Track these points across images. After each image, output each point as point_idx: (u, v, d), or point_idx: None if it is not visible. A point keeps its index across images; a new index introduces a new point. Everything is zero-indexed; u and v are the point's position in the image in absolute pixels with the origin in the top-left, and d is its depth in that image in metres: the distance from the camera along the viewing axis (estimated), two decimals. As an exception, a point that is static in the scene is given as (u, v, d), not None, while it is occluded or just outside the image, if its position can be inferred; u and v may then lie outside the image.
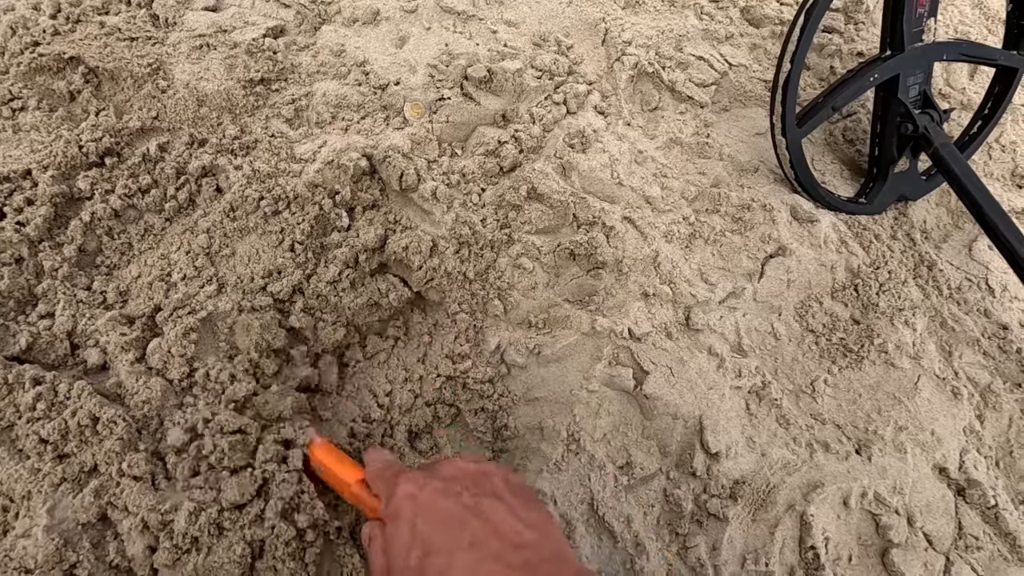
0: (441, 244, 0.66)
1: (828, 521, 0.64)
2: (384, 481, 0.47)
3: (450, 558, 0.39)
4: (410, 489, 0.44)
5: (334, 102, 0.71)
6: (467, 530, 0.40)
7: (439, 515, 0.42)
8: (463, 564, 0.39)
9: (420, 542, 0.41)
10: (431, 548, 0.40)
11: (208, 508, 0.50)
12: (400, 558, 0.41)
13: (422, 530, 0.41)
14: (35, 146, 0.61)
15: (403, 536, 0.41)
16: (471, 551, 0.39)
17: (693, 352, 0.68)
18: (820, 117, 0.75)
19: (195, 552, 0.49)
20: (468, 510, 0.42)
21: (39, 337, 0.55)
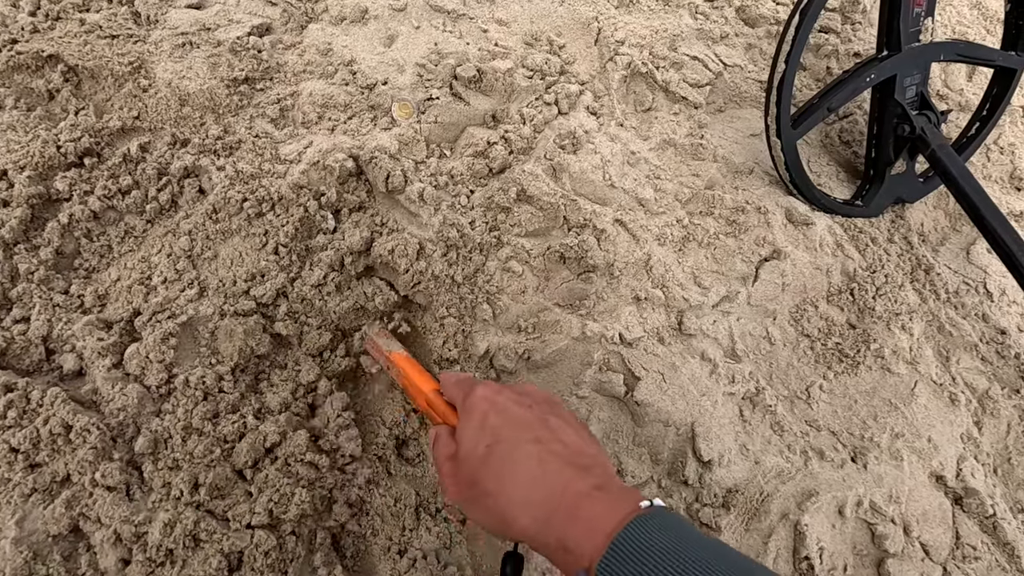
0: (428, 247, 0.64)
1: (823, 531, 0.62)
2: (461, 386, 0.50)
3: (515, 448, 0.43)
4: (487, 392, 0.48)
5: (320, 102, 0.70)
6: (534, 430, 0.44)
7: (510, 415, 0.45)
8: (527, 453, 0.43)
9: (490, 433, 0.44)
10: (499, 438, 0.44)
11: (183, 520, 0.49)
12: (469, 444, 0.45)
13: (493, 423, 0.45)
14: (11, 146, 0.59)
15: (474, 427, 0.45)
16: (536, 444, 0.43)
17: (686, 357, 0.67)
18: (816, 118, 0.74)
19: (169, 565, 0.47)
20: (538, 418, 0.45)
21: (12, 342, 0.54)
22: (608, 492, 0.40)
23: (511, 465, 0.43)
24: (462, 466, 0.45)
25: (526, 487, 0.41)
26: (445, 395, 0.53)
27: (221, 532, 0.48)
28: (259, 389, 0.59)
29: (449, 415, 0.52)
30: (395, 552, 0.57)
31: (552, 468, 0.42)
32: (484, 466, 0.43)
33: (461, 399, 0.49)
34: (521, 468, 0.42)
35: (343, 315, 0.65)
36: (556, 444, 0.43)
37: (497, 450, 0.44)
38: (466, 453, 0.45)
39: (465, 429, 0.46)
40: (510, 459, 0.43)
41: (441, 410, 0.53)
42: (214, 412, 0.55)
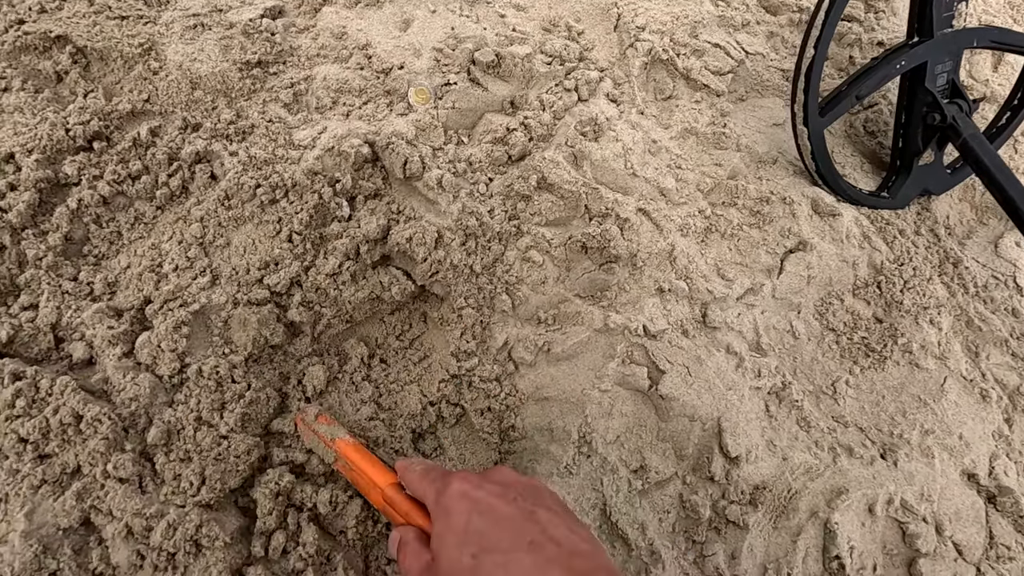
0: (447, 235, 0.62)
1: (853, 529, 0.61)
2: (430, 480, 0.44)
3: (509, 557, 0.38)
4: (464, 487, 0.42)
5: (335, 87, 0.68)
6: (526, 533, 0.39)
7: (496, 515, 0.40)
8: (525, 565, 0.37)
9: (475, 539, 0.39)
10: (487, 546, 0.39)
11: (186, 522, 0.47)
12: (451, 554, 0.39)
13: (478, 527, 0.39)
14: (19, 128, 0.57)
15: (455, 533, 0.40)
16: (532, 552, 0.38)
17: (711, 351, 0.65)
18: (843, 106, 0.72)
19: (171, 571, 0.45)
20: (525, 515, 0.40)
21: (21, 330, 0.52)
22: None
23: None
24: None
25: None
26: (409, 489, 0.46)
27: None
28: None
29: (413, 514, 0.45)
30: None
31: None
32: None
33: (433, 496, 0.43)
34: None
35: (358, 305, 0.63)
36: (551, 547, 0.39)
37: (485, 562, 0.38)
38: (449, 567, 0.39)
39: (444, 534, 0.40)
40: (502, 572, 0.37)
41: (403, 509, 0.46)
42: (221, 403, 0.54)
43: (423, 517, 0.44)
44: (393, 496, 0.46)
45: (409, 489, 0.46)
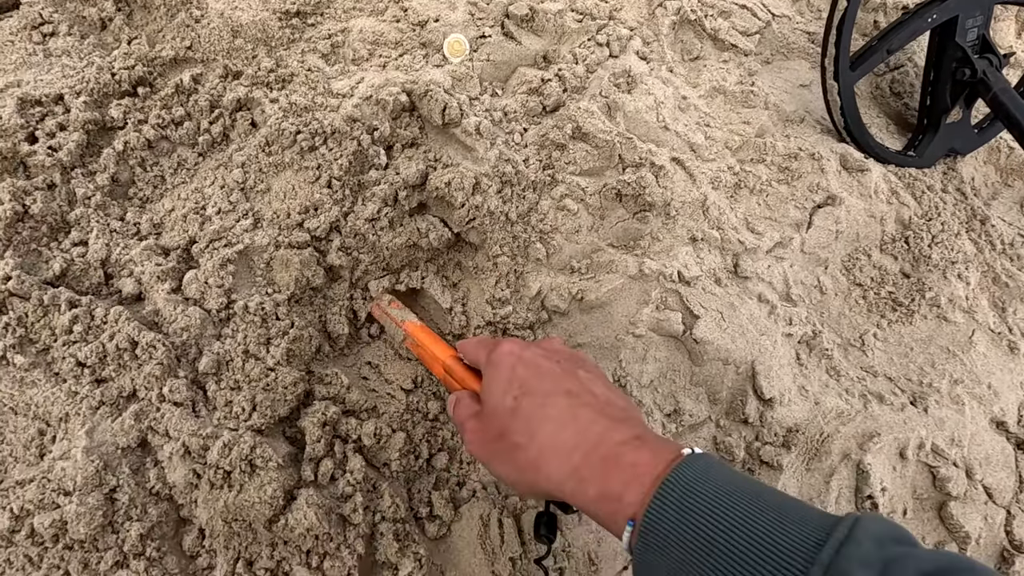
0: (484, 182, 0.63)
1: (884, 472, 0.61)
2: (483, 345, 0.48)
3: (546, 399, 0.41)
4: (513, 347, 0.46)
5: (371, 39, 0.69)
6: (564, 382, 0.42)
7: (539, 367, 0.43)
8: (558, 404, 0.41)
9: (518, 385, 0.42)
10: (527, 390, 0.42)
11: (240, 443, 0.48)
12: (496, 397, 0.43)
13: (521, 375, 0.43)
14: (67, 71, 0.59)
15: (502, 380, 0.43)
16: (568, 397, 0.41)
17: (743, 298, 0.66)
18: (874, 61, 0.72)
19: (227, 488, 0.46)
20: (566, 371, 0.44)
21: (72, 264, 0.53)
22: (647, 441, 0.38)
23: (542, 416, 0.41)
24: (488, 420, 0.43)
25: (559, 437, 0.39)
26: (466, 358, 0.51)
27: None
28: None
29: (469, 380, 0.49)
30: (454, 484, 0.57)
31: (586, 418, 0.40)
32: (513, 418, 0.41)
33: (485, 356, 0.47)
34: (553, 419, 0.40)
35: (395, 251, 0.64)
36: (587, 396, 0.42)
37: (526, 402, 0.42)
38: (493, 407, 0.43)
39: (491, 383, 0.44)
40: (541, 410, 0.41)
41: (460, 375, 0.50)
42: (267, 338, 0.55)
43: (477, 383, 0.48)
44: (452, 365, 0.51)
45: (466, 357, 0.50)
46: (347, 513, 0.48)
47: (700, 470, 0.35)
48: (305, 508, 0.46)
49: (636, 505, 0.35)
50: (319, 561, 0.46)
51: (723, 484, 0.34)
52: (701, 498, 0.33)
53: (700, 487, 0.33)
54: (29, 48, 0.59)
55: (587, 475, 0.37)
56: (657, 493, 0.34)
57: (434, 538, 0.53)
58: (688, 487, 0.34)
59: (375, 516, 0.49)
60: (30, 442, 0.46)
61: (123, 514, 0.44)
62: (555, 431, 0.40)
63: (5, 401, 0.47)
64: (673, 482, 0.34)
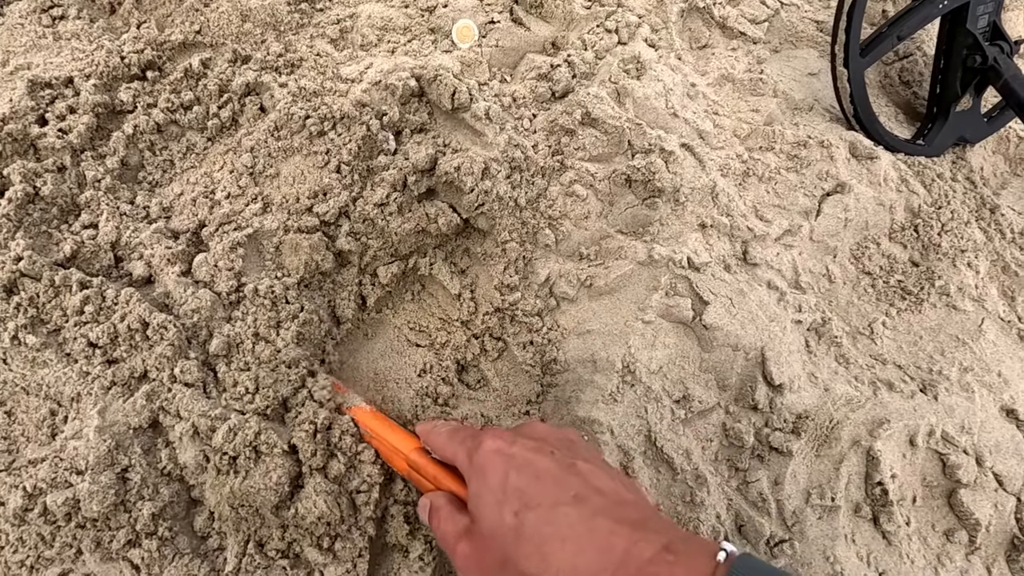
0: (493, 167, 0.63)
1: (894, 459, 0.61)
2: (459, 441, 0.43)
3: (554, 512, 0.36)
4: (497, 444, 0.40)
5: (379, 24, 0.69)
6: (568, 486, 0.37)
7: (535, 470, 0.38)
8: (568, 518, 0.36)
9: (516, 497, 0.37)
10: (529, 503, 0.37)
11: (245, 428, 0.47)
12: (491, 514, 0.37)
13: (517, 484, 0.38)
14: (76, 54, 0.58)
15: (494, 492, 0.38)
16: (577, 505, 0.36)
17: (752, 285, 0.65)
18: (884, 47, 0.72)
19: (232, 474, 0.46)
20: (564, 467, 0.38)
21: (83, 246, 0.53)
22: (679, 553, 0.33)
23: (552, 535, 0.35)
24: (485, 543, 0.37)
25: (579, 561, 0.34)
26: (436, 452, 0.45)
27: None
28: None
29: (442, 478, 0.43)
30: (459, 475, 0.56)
31: (604, 530, 0.35)
32: (518, 540, 0.36)
33: (464, 457, 0.41)
34: (566, 537, 0.35)
35: (404, 237, 0.64)
36: (597, 497, 0.37)
37: (530, 519, 0.36)
38: (490, 526, 0.37)
39: (482, 496, 0.38)
40: (549, 528, 0.35)
41: (431, 473, 0.44)
42: (277, 321, 0.55)
43: (453, 480, 0.43)
44: (419, 461, 0.45)
45: (436, 452, 0.45)
46: (359, 504, 0.48)
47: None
48: (314, 496, 0.46)
49: None
50: (330, 543, 0.46)
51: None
52: None
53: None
54: (39, 31, 0.59)
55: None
56: None
57: (444, 521, 0.53)
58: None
59: (385, 499, 0.49)
60: (42, 422, 0.46)
61: (135, 493, 0.44)
62: (573, 554, 0.34)
63: (17, 381, 0.47)
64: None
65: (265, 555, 0.46)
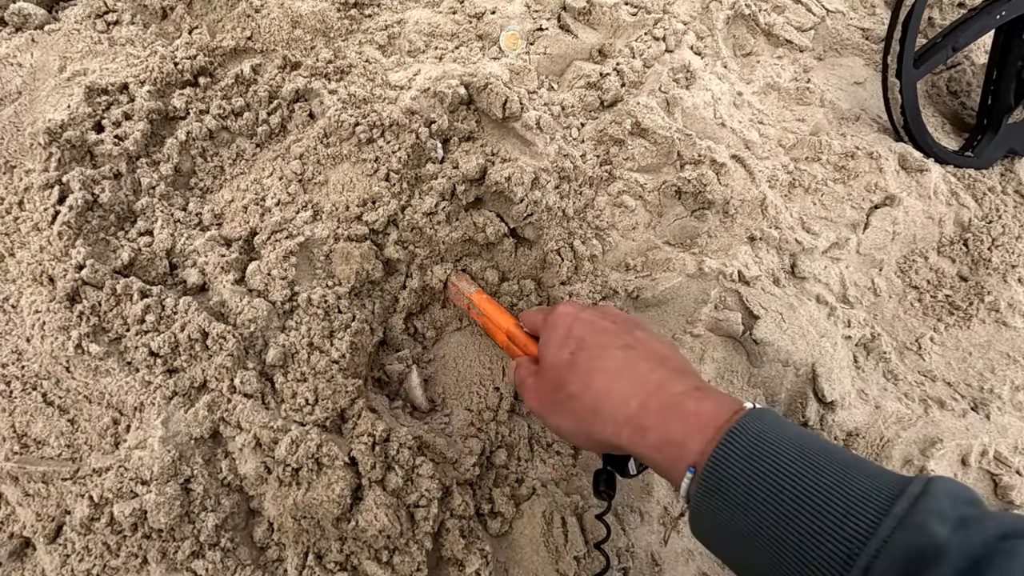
0: (543, 177, 0.62)
1: (946, 478, 0.60)
2: (541, 311, 0.51)
3: (602, 351, 0.42)
4: (569, 308, 0.47)
5: (427, 31, 0.68)
6: (620, 338, 0.43)
7: (595, 326, 0.45)
8: (615, 356, 0.42)
9: (575, 341, 0.44)
10: (584, 345, 0.43)
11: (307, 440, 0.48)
12: (553, 352, 0.44)
13: (578, 333, 0.44)
14: (131, 60, 0.58)
15: (559, 336, 0.45)
16: (624, 350, 0.42)
17: (802, 299, 0.65)
18: (938, 58, 0.71)
19: (295, 486, 0.46)
20: (622, 329, 0.44)
21: (140, 253, 0.53)
22: (708, 393, 0.38)
23: (598, 366, 0.41)
24: (545, 375, 0.44)
25: (616, 385, 0.40)
26: (526, 326, 0.53)
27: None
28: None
29: (530, 346, 0.51)
30: (513, 480, 0.56)
31: (643, 368, 0.40)
32: (570, 370, 0.42)
33: (542, 318, 0.49)
34: (609, 368, 0.41)
35: (451, 246, 0.63)
36: (643, 349, 0.42)
37: (583, 355, 0.43)
38: (550, 362, 0.44)
39: (548, 340, 0.45)
40: (596, 360, 0.42)
41: (522, 342, 0.52)
42: (330, 331, 0.55)
43: (537, 349, 0.50)
44: (514, 332, 0.53)
45: (526, 324, 0.52)
46: (418, 519, 0.48)
47: (767, 423, 0.34)
48: (375, 509, 0.46)
49: (697, 453, 0.34)
50: (389, 556, 0.46)
51: (792, 437, 0.33)
52: (768, 447, 0.32)
53: (767, 436, 0.33)
54: (94, 36, 0.59)
55: (646, 422, 0.37)
56: (723, 441, 0.33)
57: (496, 535, 0.53)
58: (755, 436, 0.33)
59: (443, 513, 0.49)
60: (105, 431, 0.47)
61: (198, 504, 0.44)
62: (611, 379, 0.40)
63: (80, 389, 0.48)
64: (739, 431, 0.33)
65: (324, 567, 0.46)
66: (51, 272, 0.49)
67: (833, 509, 0.28)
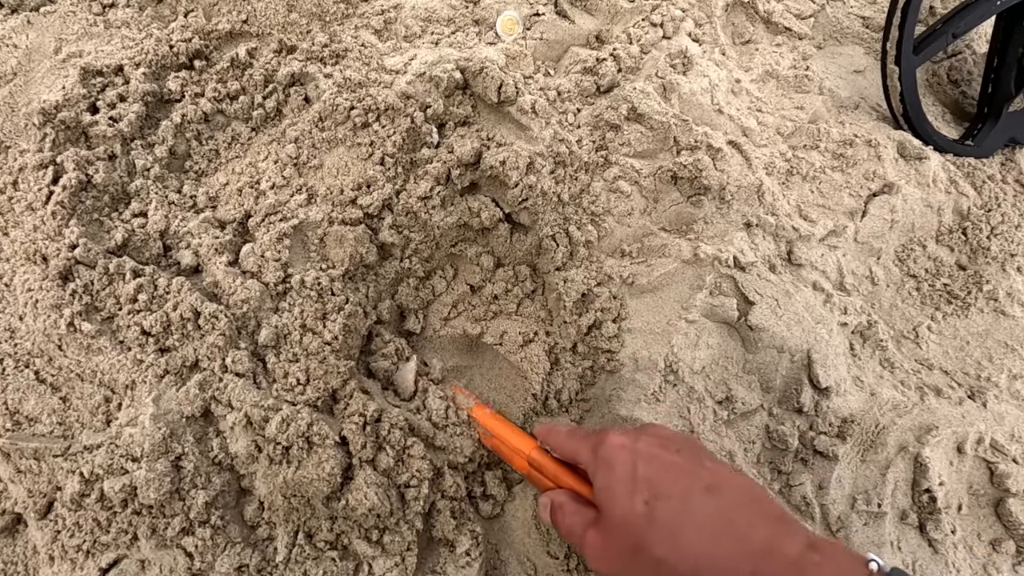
0: (538, 161, 0.62)
1: (942, 466, 0.60)
2: (581, 438, 0.43)
3: (687, 500, 0.36)
4: (622, 440, 0.40)
5: (423, 15, 0.68)
6: (700, 478, 0.37)
7: (663, 462, 0.38)
8: (704, 505, 0.36)
9: (646, 486, 0.37)
10: (660, 493, 0.37)
11: (298, 419, 0.48)
12: (622, 504, 0.37)
13: (646, 475, 0.38)
14: (126, 43, 0.58)
15: (623, 482, 0.38)
16: (711, 495, 0.36)
17: (798, 286, 0.64)
18: (938, 45, 0.70)
19: (286, 464, 0.46)
20: (693, 462, 0.39)
21: (133, 234, 0.53)
22: (825, 551, 0.33)
23: (687, 522, 0.35)
24: (616, 532, 0.37)
25: (717, 548, 0.34)
26: (556, 451, 0.46)
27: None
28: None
29: (563, 476, 0.44)
30: (504, 463, 0.56)
31: (741, 523, 0.35)
32: (651, 527, 0.36)
33: (588, 452, 0.42)
34: (702, 525, 0.35)
35: (446, 231, 0.63)
36: (730, 491, 0.37)
37: (663, 506, 0.36)
38: (622, 515, 0.37)
39: (611, 487, 0.38)
40: (684, 516, 0.35)
41: (552, 471, 0.45)
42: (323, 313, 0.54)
43: (573, 478, 0.43)
44: (540, 459, 0.45)
45: (556, 451, 0.45)
46: (409, 500, 0.48)
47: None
48: (365, 488, 0.46)
49: None
50: (379, 536, 0.46)
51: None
52: None
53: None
54: (89, 19, 0.59)
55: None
56: None
57: (488, 517, 0.53)
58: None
59: (434, 493, 0.49)
60: (96, 408, 0.47)
61: (188, 482, 0.44)
62: (711, 540, 0.34)
63: (72, 367, 0.48)
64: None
65: (314, 546, 0.46)
66: (44, 251, 0.49)
67: None
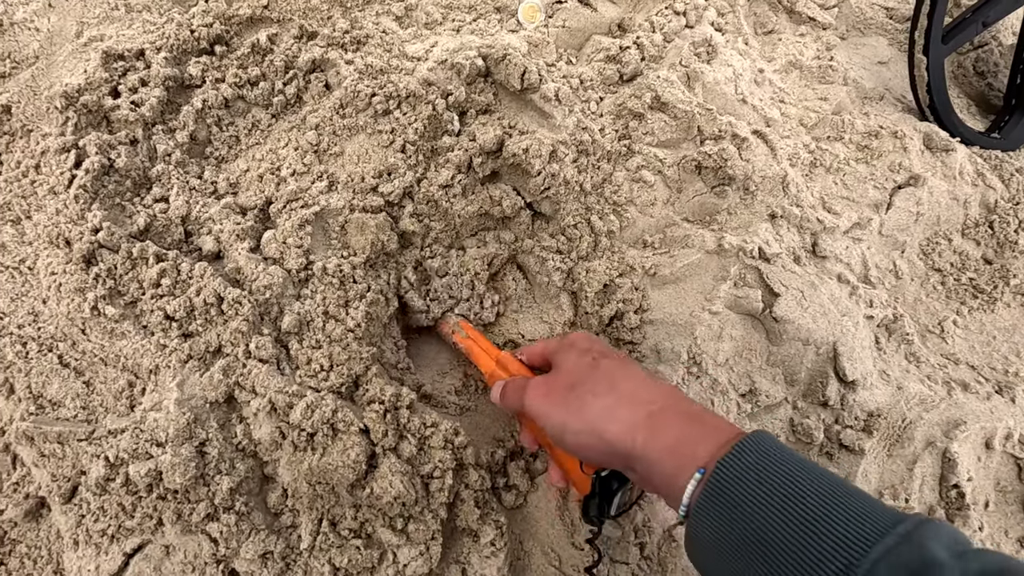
0: (561, 150, 0.62)
1: (970, 462, 0.59)
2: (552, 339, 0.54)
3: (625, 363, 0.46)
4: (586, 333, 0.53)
5: (445, 2, 0.67)
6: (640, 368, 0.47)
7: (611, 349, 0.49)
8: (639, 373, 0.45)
9: (597, 352, 0.47)
10: (608, 355, 0.47)
11: (323, 405, 0.47)
12: (573, 358, 0.46)
13: (599, 348, 0.48)
14: (147, 27, 0.58)
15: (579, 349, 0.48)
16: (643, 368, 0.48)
17: (823, 278, 0.63)
18: (968, 34, 0.69)
19: (310, 451, 0.46)
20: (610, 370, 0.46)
21: (155, 219, 0.53)
22: (724, 418, 0.41)
23: (624, 374, 0.43)
24: (559, 377, 0.45)
25: (640, 391, 0.42)
26: (531, 351, 0.53)
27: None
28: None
29: (523, 371, 0.51)
30: (528, 454, 0.56)
31: (666, 386, 0.44)
32: (593, 371, 0.44)
33: (556, 343, 0.50)
34: (635, 377, 0.43)
35: (467, 219, 0.63)
36: (663, 385, 0.44)
37: (606, 362, 0.45)
38: (571, 364, 0.46)
39: (568, 352, 0.47)
40: (623, 369, 0.44)
41: (515, 368, 0.52)
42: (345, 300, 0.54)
43: (531, 375, 0.50)
44: (505, 358, 0.53)
45: (531, 351, 0.52)
46: (433, 490, 0.47)
47: (775, 443, 0.36)
48: (390, 476, 0.46)
49: (707, 457, 0.36)
50: (403, 524, 0.46)
51: (799, 458, 0.35)
52: (777, 457, 0.34)
53: (776, 452, 0.35)
54: (111, 3, 0.59)
55: (663, 424, 0.39)
56: (735, 447, 0.35)
57: (511, 507, 0.52)
58: (764, 448, 0.35)
59: (457, 484, 0.49)
60: (120, 393, 0.46)
61: (213, 467, 0.44)
62: (637, 386, 0.43)
63: (96, 352, 0.47)
64: (751, 442, 0.35)
65: (338, 534, 0.45)
66: (67, 235, 0.49)
67: (837, 520, 0.30)
